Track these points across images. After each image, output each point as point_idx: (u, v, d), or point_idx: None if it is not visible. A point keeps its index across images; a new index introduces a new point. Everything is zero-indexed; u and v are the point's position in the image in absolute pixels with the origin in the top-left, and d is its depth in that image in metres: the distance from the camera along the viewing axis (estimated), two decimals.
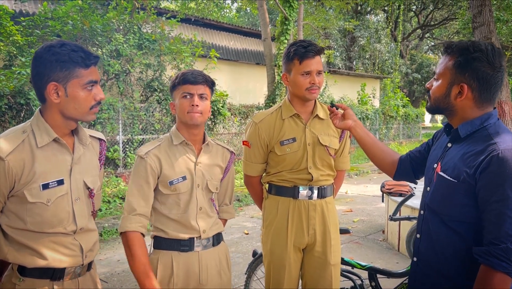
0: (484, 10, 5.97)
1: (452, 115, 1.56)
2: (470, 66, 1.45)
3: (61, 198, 1.53)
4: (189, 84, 1.87)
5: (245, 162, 2.34)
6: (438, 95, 1.56)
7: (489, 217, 1.38)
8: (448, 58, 1.52)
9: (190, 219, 1.89)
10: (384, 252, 5.11)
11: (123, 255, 4.97)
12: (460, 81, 1.48)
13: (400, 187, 5.17)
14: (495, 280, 1.34)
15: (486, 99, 1.49)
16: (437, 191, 1.56)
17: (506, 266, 1.33)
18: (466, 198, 1.44)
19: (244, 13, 28.49)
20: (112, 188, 7.43)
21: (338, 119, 2.00)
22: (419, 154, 1.86)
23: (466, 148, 1.49)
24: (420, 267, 1.63)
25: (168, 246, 1.88)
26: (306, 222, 2.20)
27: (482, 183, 1.39)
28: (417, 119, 20.89)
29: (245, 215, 7.07)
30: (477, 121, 1.50)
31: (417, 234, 1.66)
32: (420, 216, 1.66)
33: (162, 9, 12.42)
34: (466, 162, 1.45)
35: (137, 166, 1.87)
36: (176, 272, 1.86)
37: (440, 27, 27.19)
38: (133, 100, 8.38)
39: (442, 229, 1.53)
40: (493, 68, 1.45)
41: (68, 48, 1.49)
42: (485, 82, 1.46)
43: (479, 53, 1.44)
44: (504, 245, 1.33)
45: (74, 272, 1.58)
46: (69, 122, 1.57)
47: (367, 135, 1.94)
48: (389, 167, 1.91)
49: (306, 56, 2.09)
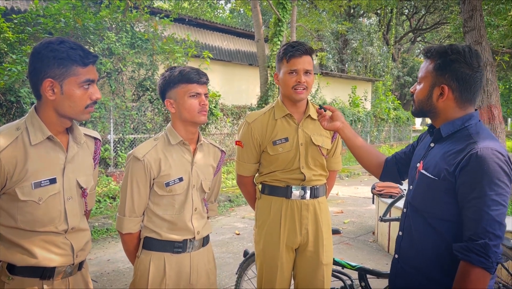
0: (475, 15, 6.04)
1: (436, 116, 1.61)
2: (449, 67, 1.52)
3: (53, 196, 1.52)
4: (196, 84, 1.86)
5: (238, 162, 2.34)
6: (421, 98, 1.61)
7: (468, 214, 1.42)
8: (429, 62, 1.59)
9: (185, 220, 1.89)
10: (374, 253, 5.14)
11: (113, 255, 4.96)
12: (441, 83, 1.54)
13: (391, 189, 5.20)
14: (473, 276, 1.37)
15: (467, 99, 1.55)
16: (418, 189, 1.60)
17: (484, 262, 1.36)
18: (447, 196, 1.48)
19: (237, 14, 28.49)
20: (102, 187, 7.39)
21: (326, 121, 2.03)
22: (404, 155, 1.91)
23: (447, 147, 1.54)
24: (400, 264, 1.67)
25: (161, 248, 1.88)
26: (299, 222, 2.21)
27: (461, 180, 1.43)
28: (408, 122, 21.05)
29: (236, 216, 7.07)
30: (459, 121, 1.55)
31: (399, 232, 1.70)
32: (403, 214, 1.70)
33: (155, 8, 12.37)
34: (446, 160, 1.50)
35: (133, 167, 1.85)
36: (168, 273, 1.86)
37: (431, 31, 27.41)
38: (124, 99, 8.34)
39: (423, 227, 1.57)
40: (471, 69, 1.51)
41: (67, 46, 1.48)
42: (464, 82, 1.52)
43: (457, 55, 1.51)
44: (483, 241, 1.36)
45: (65, 272, 1.57)
46: (64, 120, 1.55)
47: (354, 137, 1.98)
48: (376, 168, 1.96)
49: (293, 55, 2.11)
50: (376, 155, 1.97)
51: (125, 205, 1.86)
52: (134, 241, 1.92)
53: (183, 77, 1.85)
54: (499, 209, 1.38)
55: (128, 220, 1.87)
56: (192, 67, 1.91)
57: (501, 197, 1.39)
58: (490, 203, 1.37)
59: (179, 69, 1.88)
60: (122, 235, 1.91)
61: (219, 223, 6.52)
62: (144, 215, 1.92)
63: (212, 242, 2.08)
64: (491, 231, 1.37)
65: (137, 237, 1.92)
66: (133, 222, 1.88)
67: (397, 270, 1.69)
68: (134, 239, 1.92)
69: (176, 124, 1.92)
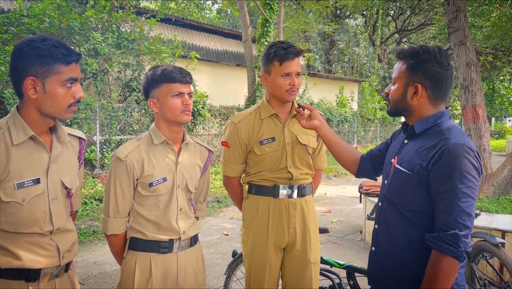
0: (459, 16, 6.12)
1: (410, 115, 1.68)
2: (421, 67, 1.60)
3: (37, 197, 1.50)
4: (179, 83, 1.83)
5: (224, 163, 2.33)
6: (396, 97, 1.68)
7: (439, 206, 1.50)
8: (402, 62, 1.67)
9: (170, 220, 1.87)
10: (361, 252, 5.17)
11: (100, 257, 4.91)
12: (414, 82, 1.62)
13: (377, 188, 5.25)
14: (444, 264, 1.46)
15: (439, 96, 1.63)
16: (393, 183, 1.68)
17: (454, 251, 1.44)
18: (420, 189, 1.56)
19: (224, 15, 28.45)
20: (89, 189, 7.31)
21: (304, 120, 2.07)
22: (378, 152, 1.99)
23: (421, 143, 1.62)
24: (378, 256, 1.74)
25: (147, 248, 1.86)
26: (287, 221, 2.22)
27: (434, 174, 1.51)
28: (394, 122, 21.27)
29: (225, 216, 7.06)
30: (431, 119, 1.63)
31: (375, 225, 1.77)
32: (378, 207, 1.77)
33: (142, 8, 12.28)
34: (420, 155, 1.57)
35: (116, 168, 1.83)
36: (154, 274, 1.84)
37: (417, 32, 27.71)
38: (111, 100, 8.26)
39: (398, 219, 1.63)
40: (442, 67, 1.59)
41: (49, 44, 1.45)
42: (436, 80, 1.60)
43: (428, 55, 1.59)
44: (453, 231, 1.45)
45: (51, 273, 1.54)
46: (47, 119, 1.53)
47: (332, 135, 2.05)
48: (352, 165, 2.04)
49: (286, 58, 2.10)
50: (352, 152, 2.05)
51: (109, 206, 1.84)
52: (120, 242, 1.90)
53: (166, 77, 1.83)
54: (468, 201, 1.46)
55: (113, 221, 1.85)
56: (175, 66, 1.89)
57: (471, 190, 1.47)
58: (461, 196, 1.46)
59: (162, 68, 1.86)
60: (108, 237, 1.89)
61: (207, 224, 6.49)
62: (129, 216, 1.90)
63: (201, 243, 2.06)
64: (461, 222, 1.45)
65: (123, 238, 1.91)
66: (118, 223, 1.86)
67: (374, 262, 1.76)
68: (119, 240, 1.90)
69: (160, 124, 1.90)
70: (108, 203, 1.85)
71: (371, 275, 1.78)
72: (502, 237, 3.84)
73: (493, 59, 16.93)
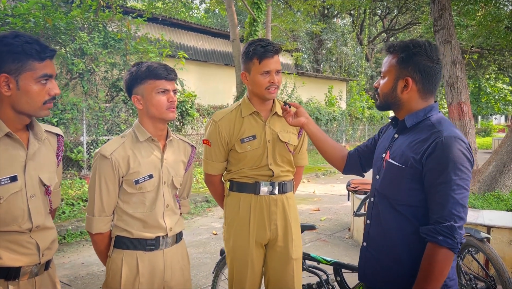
0: (444, 14, 6.19)
1: (399, 108, 1.69)
2: (412, 60, 1.60)
3: (15, 195, 1.47)
4: (164, 80, 1.82)
5: (205, 161, 2.32)
6: (386, 91, 1.68)
7: (434, 199, 1.50)
8: (392, 56, 1.67)
9: (157, 217, 1.86)
10: (350, 249, 5.20)
11: (87, 258, 4.87)
12: (405, 75, 1.62)
13: (365, 185, 5.29)
14: (440, 256, 1.46)
15: (429, 90, 1.64)
16: (386, 177, 1.67)
17: (450, 242, 1.45)
18: (413, 182, 1.56)
19: (212, 14, 28.38)
20: (76, 190, 7.23)
21: (291, 117, 2.07)
22: (366, 148, 1.99)
23: (412, 137, 1.62)
24: (369, 251, 1.73)
25: (133, 246, 1.84)
26: (268, 218, 2.22)
27: (428, 167, 1.51)
28: (381, 120, 21.44)
29: (214, 216, 7.04)
30: (421, 112, 1.63)
31: (367, 220, 1.76)
32: (370, 202, 1.77)
33: (129, 8, 12.20)
34: (412, 149, 1.58)
35: (101, 166, 1.81)
36: (141, 271, 1.82)
37: (404, 31, 27.94)
38: (98, 100, 8.19)
39: (391, 213, 1.64)
40: (432, 61, 1.60)
41: (22, 40, 1.43)
42: (426, 74, 1.60)
43: (418, 49, 1.60)
44: (449, 223, 1.46)
45: (31, 272, 1.52)
46: (22, 117, 1.50)
47: (318, 132, 2.04)
48: (339, 161, 2.04)
49: (265, 56, 2.10)
50: (340, 149, 2.05)
51: (94, 204, 1.82)
52: (105, 241, 1.89)
53: (151, 73, 1.81)
54: (462, 193, 1.47)
55: (98, 220, 1.83)
56: (160, 62, 1.88)
57: (464, 181, 1.48)
58: (455, 187, 1.47)
59: (147, 64, 1.84)
60: (92, 235, 1.87)
61: (196, 224, 6.47)
62: (114, 214, 1.88)
63: (190, 242, 2.06)
64: (456, 213, 1.46)
65: (108, 236, 1.89)
66: (103, 222, 1.84)
67: (366, 257, 1.75)
68: (105, 238, 1.88)
69: (144, 121, 1.88)
70: (93, 201, 1.82)
71: (362, 270, 1.77)
72: (488, 232, 3.89)
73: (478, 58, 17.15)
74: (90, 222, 1.84)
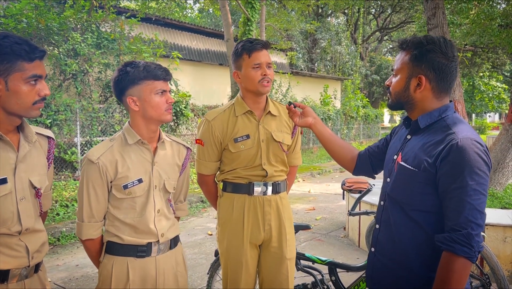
0: (437, 13, 6.21)
1: (412, 108, 1.60)
2: (426, 57, 1.51)
3: (4, 197, 1.46)
4: (162, 81, 1.78)
5: (198, 161, 2.30)
6: (398, 90, 1.60)
7: (449, 204, 1.41)
8: (404, 53, 1.58)
9: (148, 222, 1.80)
10: (345, 248, 5.20)
11: (82, 260, 4.84)
12: (418, 73, 1.53)
13: (360, 184, 5.28)
14: (457, 265, 1.37)
15: (443, 89, 1.55)
16: (398, 180, 1.59)
17: (468, 251, 1.37)
18: (426, 187, 1.48)
19: (206, 14, 28.33)
20: (70, 192, 7.19)
21: (298, 117, 2.01)
22: (377, 149, 1.90)
23: (426, 138, 1.53)
24: (378, 257, 1.66)
25: (124, 252, 1.79)
26: (262, 218, 2.21)
27: (442, 171, 1.43)
28: (376, 119, 21.50)
29: (209, 216, 7.02)
30: (436, 113, 1.55)
31: (377, 225, 1.69)
32: (380, 206, 1.69)
33: (122, 8, 12.15)
34: (426, 151, 1.49)
35: (88, 171, 1.76)
36: (132, 278, 1.78)
37: (398, 30, 28.04)
38: (91, 101, 8.14)
39: (402, 219, 1.55)
40: (447, 58, 1.51)
41: (11, 41, 1.41)
42: (441, 72, 1.51)
43: (432, 45, 1.50)
44: (465, 230, 1.37)
45: (20, 274, 1.51)
46: (12, 118, 1.49)
47: (327, 132, 1.97)
48: (349, 162, 1.95)
49: (254, 49, 2.10)
50: (349, 149, 1.96)
51: (83, 210, 1.78)
52: (96, 246, 1.84)
53: (149, 74, 1.76)
54: (480, 198, 1.39)
55: (87, 226, 1.79)
56: (154, 63, 1.84)
57: (482, 186, 1.39)
58: (472, 193, 1.38)
59: (143, 64, 1.79)
60: (83, 241, 1.83)
61: (191, 224, 6.45)
62: (105, 219, 1.84)
63: (185, 243, 2.03)
64: (473, 220, 1.37)
65: (99, 242, 1.84)
66: (93, 228, 1.80)
67: (374, 263, 1.67)
68: (95, 244, 1.84)
69: (137, 123, 1.83)
70: (82, 207, 1.78)
71: (369, 275, 1.71)
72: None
73: (472, 56, 17.23)
74: (80, 227, 1.80)
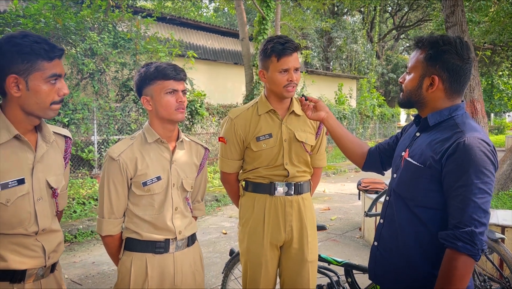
0: (456, 10, 6.10)
1: (423, 107, 1.61)
2: (440, 58, 1.51)
3: (22, 198, 1.46)
4: (173, 80, 1.80)
5: (221, 159, 2.29)
6: (410, 88, 1.60)
7: (453, 202, 1.43)
8: (419, 52, 1.58)
9: (165, 219, 1.84)
10: (361, 249, 5.15)
11: (98, 257, 4.89)
12: (431, 73, 1.53)
13: (376, 184, 5.24)
14: (460, 263, 1.39)
15: (456, 90, 1.55)
16: (403, 176, 1.61)
17: (471, 249, 1.38)
18: (431, 183, 1.49)
19: (221, 13, 28.39)
20: (87, 190, 7.28)
21: (310, 111, 2.01)
22: (388, 146, 1.91)
23: (434, 136, 1.54)
24: (380, 251, 1.68)
25: (142, 248, 1.83)
26: (283, 219, 2.19)
27: (448, 168, 1.44)
28: (392, 118, 21.26)
29: (223, 215, 7.04)
30: (446, 111, 1.56)
31: (381, 219, 1.71)
32: (385, 201, 1.71)
33: (138, 7, 12.25)
34: (433, 148, 1.50)
35: (109, 167, 1.81)
36: (150, 274, 1.81)
37: (415, 28, 27.69)
38: (108, 100, 8.23)
39: (406, 214, 1.57)
40: (462, 60, 1.51)
41: (30, 40, 1.41)
42: (455, 73, 1.51)
43: (448, 46, 1.50)
44: (469, 228, 1.38)
45: (36, 274, 1.51)
46: (31, 118, 1.49)
47: (339, 127, 1.98)
48: (359, 158, 1.96)
49: (284, 54, 2.06)
50: (360, 145, 1.97)
51: (103, 206, 1.82)
52: (116, 243, 1.88)
53: (159, 74, 1.79)
54: (484, 197, 1.39)
55: (108, 222, 1.83)
56: (169, 63, 1.86)
57: (487, 185, 1.40)
58: (476, 191, 1.39)
59: (155, 65, 1.82)
60: (103, 238, 1.87)
61: (206, 223, 6.47)
62: (124, 216, 1.87)
63: (199, 241, 2.03)
64: (476, 218, 1.38)
65: (119, 238, 1.88)
66: (113, 224, 1.83)
67: (376, 257, 1.70)
68: (115, 241, 1.87)
69: (154, 122, 1.87)
70: (102, 203, 1.82)
71: (372, 269, 1.73)
72: (502, 233, 3.82)
73: (491, 54, 16.91)
74: (100, 224, 1.84)
